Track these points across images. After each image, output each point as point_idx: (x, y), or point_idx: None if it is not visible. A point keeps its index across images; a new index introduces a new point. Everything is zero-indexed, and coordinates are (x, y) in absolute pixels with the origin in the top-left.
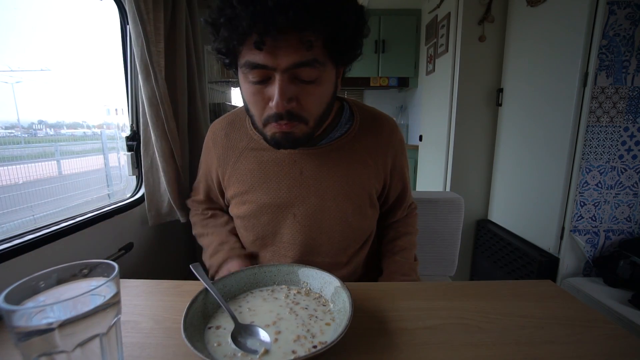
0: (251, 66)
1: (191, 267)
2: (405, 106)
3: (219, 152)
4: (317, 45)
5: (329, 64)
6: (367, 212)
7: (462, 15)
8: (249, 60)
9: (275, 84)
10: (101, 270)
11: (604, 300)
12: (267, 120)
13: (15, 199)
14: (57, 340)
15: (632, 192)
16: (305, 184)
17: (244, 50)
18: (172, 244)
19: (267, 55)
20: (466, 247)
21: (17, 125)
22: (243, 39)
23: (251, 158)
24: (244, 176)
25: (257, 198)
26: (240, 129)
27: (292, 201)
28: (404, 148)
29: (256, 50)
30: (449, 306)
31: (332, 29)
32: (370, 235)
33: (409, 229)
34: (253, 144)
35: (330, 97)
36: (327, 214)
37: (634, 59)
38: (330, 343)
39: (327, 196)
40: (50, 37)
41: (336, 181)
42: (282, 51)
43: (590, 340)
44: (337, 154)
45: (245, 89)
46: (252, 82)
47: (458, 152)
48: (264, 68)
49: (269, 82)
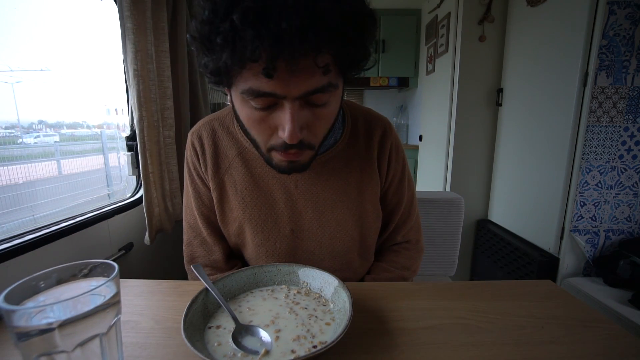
0: (256, 94)
1: (192, 267)
2: (405, 106)
3: (208, 162)
4: (333, 68)
5: (340, 82)
6: (369, 223)
7: (462, 15)
8: (253, 88)
9: (286, 112)
10: (101, 270)
11: (604, 300)
12: (272, 147)
13: (15, 199)
14: (57, 340)
15: (632, 192)
16: (301, 198)
17: (245, 74)
18: (172, 244)
19: (277, 83)
20: (466, 247)
21: (17, 125)
22: (245, 64)
23: (242, 169)
24: (235, 188)
25: (252, 214)
26: (229, 135)
27: (289, 216)
28: (401, 152)
29: (263, 77)
30: (449, 306)
31: (352, 47)
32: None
33: (407, 263)
34: (244, 152)
35: (337, 114)
36: (327, 228)
37: (634, 59)
38: (330, 343)
39: (325, 209)
40: (50, 37)
41: (333, 192)
42: (295, 78)
43: (590, 340)
44: (332, 164)
45: (245, 115)
46: (256, 108)
47: (458, 152)
48: (272, 96)
49: (275, 108)
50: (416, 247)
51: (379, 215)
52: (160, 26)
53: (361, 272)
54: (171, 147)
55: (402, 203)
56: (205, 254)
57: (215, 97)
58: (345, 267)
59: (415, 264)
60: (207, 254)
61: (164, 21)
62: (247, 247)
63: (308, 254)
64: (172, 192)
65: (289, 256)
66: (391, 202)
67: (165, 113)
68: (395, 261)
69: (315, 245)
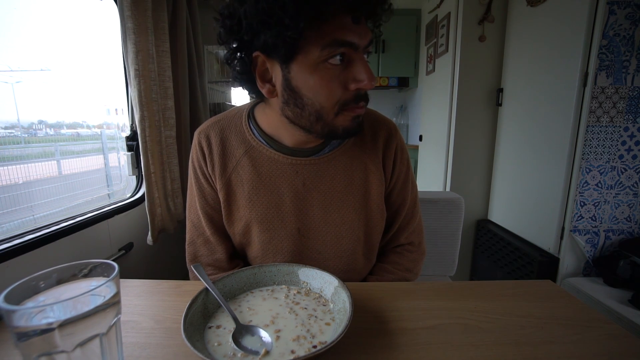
0: (340, 44)
1: (192, 267)
2: (405, 106)
3: (215, 161)
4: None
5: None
6: (374, 222)
7: (462, 15)
8: (337, 39)
9: (359, 61)
10: (101, 270)
11: (604, 300)
12: (345, 105)
13: (15, 199)
14: (57, 340)
15: (632, 192)
16: (308, 196)
17: (324, 30)
18: (172, 244)
19: (356, 32)
20: (466, 247)
21: (17, 125)
22: (336, 15)
23: (249, 168)
24: (243, 187)
25: (258, 213)
26: (237, 134)
27: (296, 215)
28: (406, 154)
29: (347, 26)
30: (449, 306)
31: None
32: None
33: (409, 265)
34: (251, 151)
35: None
36: (333, 227)
37: (634, 59)
38: (330, 343)
39: (331, 207)
40: (50, 37)
41: (339, 191)
42: (364, 28)
43: (590, 340)
44: (338, 162)
45: (316, 80)
46: (332, 66)
47: (458, 152)
48: (350, 46)
49: (347, 64)
50: (419, 249)
51: (383, 215)
52: (161, 26)
53: (364, 273)
54: (172, 147)
55: (405, 204)
56: (208, 253)
57: (215, 98)
58: (350, 267)
59: (418, 266)
60: (210, 254)
61: (164, 21)
62: (253, 246)
63: (314, 253)
64: (174, 191)
65: (294, 255)
66: (395, 203)
67: (166, 113)
68: (398, 263)
69: (321, 244)
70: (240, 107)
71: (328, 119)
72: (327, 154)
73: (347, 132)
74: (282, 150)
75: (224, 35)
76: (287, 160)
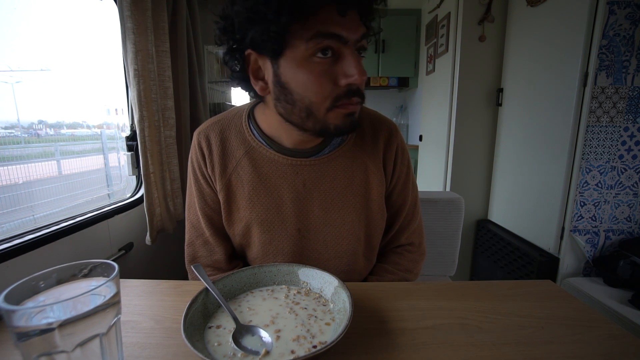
0: (325, 36)
1: (192, 267)
2: (405, 106)
3: (215, 162)
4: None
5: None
6: (375, 222)
7: (462, 15)
8: (322, 31)
9: (349, 56)
10: (101, 270)
11: (604, 300)
12: (336, 100)
13: (15, 199)
14: (57, 340)
15: (632, 192)
16: (309, 197)
17: (310, 23)
18: (172, 244)
19: (343, 25)
20: (466, 247)
21: (17, 125)
22: (320, 7)
23: (249, 169)
24: (243, 188)
25: (259, 213)
26: (237, 134)
27: (296, 216)
28: (406, 154)
29: (332, 18)
30: (449, 306)
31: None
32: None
33: (409, 265)
34: (252, 152)
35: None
36: (333, 227)
37: (634, 59)
38: (330, 343)
39: (332, 208)
40: (50, 37)
41: (340, 191)
42: (354, 21)
43: (590, 340)
44: (338, 163)
45: (304, 74)
46: (320, 59)
47: (458, 152)
48: (337, 39)
49: (336, 59)
50: (419, 249)
51: (383, 215)
52: (161, 26)
53: (364, 273)
54: (172, 147)
55: (406, 204)
56: (207, 254)
57: (215, 98)
58: (350, 268)
59: (418, 267)
60: (209, 254)
61: (164, 21)
62: (253, 247)
63: (314, 254)
64: (173, 192)
65: (294, 256)
66: (396, 203)
67: (166, 113)
68: (399, 263)
69: (321, 245)
70: (240, 108)
71: (319, 115)
72: (327, 155)
73: (339, 129)
74: (282, 151)
75: (220, 35)
76: (287, 161)
